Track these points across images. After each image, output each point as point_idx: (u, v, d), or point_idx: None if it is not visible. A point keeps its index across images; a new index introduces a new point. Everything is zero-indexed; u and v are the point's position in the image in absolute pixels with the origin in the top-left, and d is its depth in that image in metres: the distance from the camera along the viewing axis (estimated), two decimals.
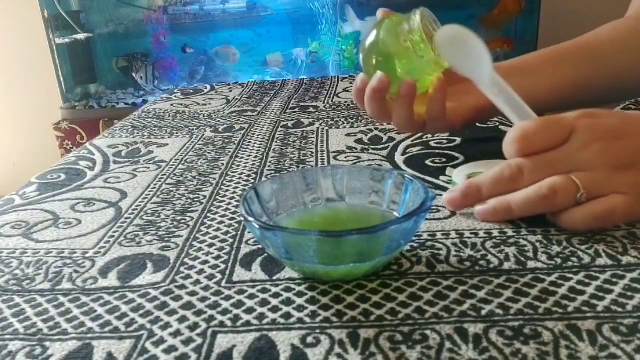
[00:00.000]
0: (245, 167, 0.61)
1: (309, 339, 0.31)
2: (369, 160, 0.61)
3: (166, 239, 0.45)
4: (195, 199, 0.53)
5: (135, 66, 2.02)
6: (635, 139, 0.40)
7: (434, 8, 0.49)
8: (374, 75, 0.51)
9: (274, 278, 0.38)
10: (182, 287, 0.37)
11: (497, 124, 0.70)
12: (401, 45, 0.49)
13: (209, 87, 1.11)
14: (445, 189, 0.50)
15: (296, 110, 0.87)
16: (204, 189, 0.55)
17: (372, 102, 0.52)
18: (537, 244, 0.40)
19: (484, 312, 0.32)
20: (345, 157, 0.62)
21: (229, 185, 0.56)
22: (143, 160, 0.66)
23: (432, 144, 0.64)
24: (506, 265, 0.37)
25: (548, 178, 0.40)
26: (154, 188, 0.56)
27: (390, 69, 0.51)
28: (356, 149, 0.65)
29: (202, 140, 0.73)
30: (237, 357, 0.30)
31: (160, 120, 0.85)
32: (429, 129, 0.55)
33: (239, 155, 0.66)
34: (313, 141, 0.69)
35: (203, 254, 0.42)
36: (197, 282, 0.38)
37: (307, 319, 0.33)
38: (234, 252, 0.42)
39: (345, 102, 0.90)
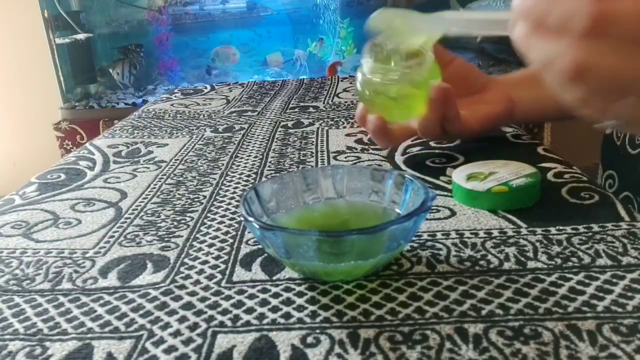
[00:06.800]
0: (245, 167, 0.61)
1: (309, 339, 0.31)
2: (369, 160, 0.61)
3: (166, 239, 0.45)
4: (195, 199, 0.53)
5: (130, 58, 2.02)
6: None
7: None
8: (370, 117, 0.54)
9: (274, 278, 0.38)
10: (182, 287, 0.37)
11: None
12: (378, 81, 0.51)
13: (209, 87, 1.11)
14: (445, 189, 0.50)
15: (296, 110, 0.87)
16: (204, 189, 0.55)
17: (377, 135, 0.56)
18: (537, 244, 0.40)
19: (484, 312, 0.32)
20: (345, 157, 0.62)
21: (229, 185, 0.56)
22: (143, 160, 0.66)
23: (432, 144, 0.64)
24: (506, 265, 0.37)
25: None
26: (154, 188, 0.56)
27: (383, 100, 0.53)
28: (356, 149, 0.65)
29: (202, 140, 0.73)
30: (237, 357, 0.30)
31: (160, 120, 0.85)
32: (450, 132, 0.55)
33: (239, 155, 0.66)
34: (313, 141, 0.69)
35: (203, 254, 0.42)
36: (197, 282, 0.38)
37: (307, 319, 0.33)
38: (234, 252, 0.42)
39: (345, 102, 0.90)
